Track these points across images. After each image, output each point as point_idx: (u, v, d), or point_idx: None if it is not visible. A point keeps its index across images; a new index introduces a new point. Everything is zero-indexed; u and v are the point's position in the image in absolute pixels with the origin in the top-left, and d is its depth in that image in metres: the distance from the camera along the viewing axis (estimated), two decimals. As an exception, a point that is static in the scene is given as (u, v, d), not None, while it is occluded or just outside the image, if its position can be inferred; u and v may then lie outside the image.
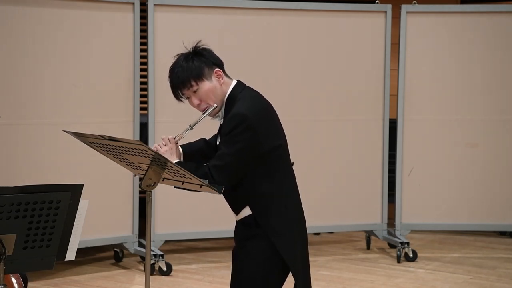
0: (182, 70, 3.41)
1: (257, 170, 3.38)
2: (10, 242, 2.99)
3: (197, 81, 3.40)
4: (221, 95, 3.43)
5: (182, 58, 3.45)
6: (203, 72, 3.41)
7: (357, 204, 6.87)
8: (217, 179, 3.31)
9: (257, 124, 3.34)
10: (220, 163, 3.32)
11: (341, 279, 5.99)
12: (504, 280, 6.02)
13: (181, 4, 6.35)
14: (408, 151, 6.88)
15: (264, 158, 3.38)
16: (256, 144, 3.34)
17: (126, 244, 6.33)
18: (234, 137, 3.32)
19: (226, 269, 6.26)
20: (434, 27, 6.86)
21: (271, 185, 3.41)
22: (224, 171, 3.32)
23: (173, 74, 3.45)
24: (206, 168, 3.35)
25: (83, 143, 3.61)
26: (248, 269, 3.48)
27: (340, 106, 6.77)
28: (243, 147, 3.31)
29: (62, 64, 5.95)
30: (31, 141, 5.87)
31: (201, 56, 3.44)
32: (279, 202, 3.43)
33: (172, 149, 3.48)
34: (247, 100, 3.40)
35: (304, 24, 6.63)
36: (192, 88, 3.42)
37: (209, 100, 3.42)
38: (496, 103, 6.92)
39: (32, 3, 5.80)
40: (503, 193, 6.99)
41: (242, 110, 3.33)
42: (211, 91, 3.41)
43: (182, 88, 3.43)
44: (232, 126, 3.32)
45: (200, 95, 3.42)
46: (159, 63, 6.27)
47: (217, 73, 3.44)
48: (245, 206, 3.45)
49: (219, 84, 3.43)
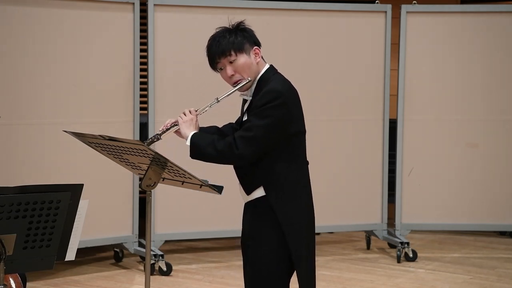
0: (224, 39, 3.44)
1: (280, 152, 3.38)
2: (10, 242, 2.99)
3: (236, 52, 3.43)
4: (255, 72, 3.46)
5: (225, 30, 3.50)
6: (244, 46, 3.45)
7: (357, 204, 6.87)
8: (242, 150, 3.31)
9: (291, 103, 3.39)
10: (248, 134, 3.32)
11: (341, 279, 5.99)
12: (504, 280, 6.02)
13: (181, 4, 6.35)
14: (408, 151, 6.88)
15: (289, 140, 3.40)
16: (287, 123, 3.37)
17: (126, 244, 6.33)
18: (267, 110, 3.33)
19: (226, 269, 6.27)
20: (434, 27, 6.86)
21: (290, 170, 3.41)
22: (251, 143, 3.32)
23: (214, 41, 3.47)
24: (230, 138, 3.35)
25: (83, 143, 3.61)
26: (259, 259, 3.44)
27: (340, 106, 6.77)
28: (274, 121, 3.33)
29: (62, 64, 5.95)
30: (31, 141, 5.87)
31: (244, 32, 3.49)
32: (295, 189, 3.43)
33: (192, 120, 3.49)
34: (281, 81, 3.45)
35: (304, 24, 6.63)
36: (230, 58, 3.43)
37: (243, 73, 3.45)
38: (496, 103, 6.92)
39: (32, 3, 5.80)
40: (503, 193, 6.99)
41: (279, 87, 3.38)
42: (247, 65, 3.44)
43: (220, 56, 3.44)
44: (267, 100, 3.34)
45: (236, 66, 3.44)
46: (159, 63, 6.28)
47: (256, 51, 3.48)
48: (259, 186, 3.41)
49: (255, 62, 3.47)
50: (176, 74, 6.35)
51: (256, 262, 3.46)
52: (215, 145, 3.35)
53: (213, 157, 3.38)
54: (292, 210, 3.41)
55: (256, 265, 3.46)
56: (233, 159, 3.37)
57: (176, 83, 6.36)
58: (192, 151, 3.42)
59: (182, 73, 6.34)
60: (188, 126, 3.46)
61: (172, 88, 6.35)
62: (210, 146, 3.36)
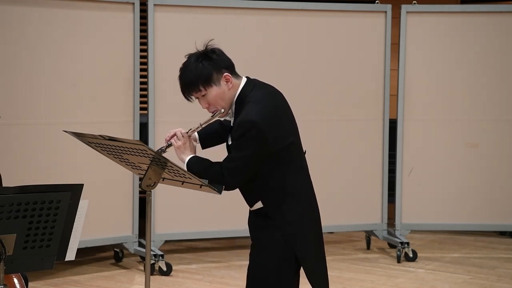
0: (191, 74, 3.46)
1: (269, 167, 3.41)
2: (10, 242, 2.99)
3: (205, 86, 3.43)
4: (229, 98, 3.46)
5: (192, 59, 3.50)
6: (211, 78, 3.43)
7: (357, 204, 6.87)
8: (228, 180, 3.38)
9: (267, 128, 3.35)
10: (231, 166, 3.38)
11: (341, 279, 5.99)
12: (504, 280, 6.02)
13: (181, 4, 6.35)
14: (408, 151, 6.88)
15: (276, 155, 3.41)
16: (266, 148, 3.37)
17: (126, 244, 6.33)
18: (243, 143, 3.35)
19: (226, 269, 6.27)
20: (434, 27, 6.85)
21: (282, 180, 3.44)
22: (235, 173, 3.38)
23: (182, 76, 3.51)
24: (218, 166, 3.40)
25: (83, 143, 3.61)
26: (262, 260, 3.48)
27: (340, 106, 6.77)
28: (252, 152, 3.35)
29: (62, 64, 5.95)
30: (31, 141, 5.87)
31: (210, 60, 3.46)
32: (291, 197, 3.45)
33: (185, 144, 3.52)
34: (257, 103, 3.41)
35: (304, 24, 6.63)
36: (200, 93, 3.45)
37: (217, 104, 3.46)
38: (496, 103, 6.92)
39: (32, 3, 5.79)
40: (503, 193, 6.99)
41: (251, 116, 3.35)
42: (219, 96, 3.44)
43: (191, 92, 3.48)
44: (241, 133, 3.35)
45: (208, 99, 3.45)
46: (159, 63, 6.28)
47: (226, 78, 3.45)
48: (258, 200, 3.48)
49: (228, 88, 3.45)
50: (176, 74, 6.31)
51: (260, 263, 3.48)
52: (207, 173, 3.40)
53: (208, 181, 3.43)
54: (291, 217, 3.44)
55: (259, 266, 3.48)
56: (225, 187, 3.43)
57: (176, 83, 6.32)
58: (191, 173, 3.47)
59: (182, 73, 6.33)
60: (183, 151, 3.51)
61: (172, 88, 6.30)
62: (203, 172, 3.41)
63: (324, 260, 3.59)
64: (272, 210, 3.44)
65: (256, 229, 3.54)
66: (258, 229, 3.52)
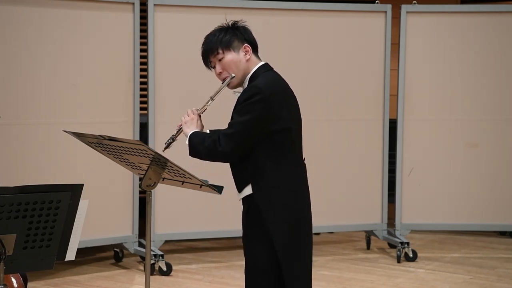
0: (213, 38, 3.52)
1: (264, 149, 3.40)
2: (10, 242, 2.99)
3: (223, 49, 3.50)
4: (244, 69, 3.50)
5: (217, 28, 3.57)
6: (231, 43, 3.51)
7: (357, 204, 6.87)
8: (223, 147, 3.36)
9: (271, 99, 3.39)
10: (229, 131, 3.38)
11: (341, 279, 5.99)
12: (504, 280, 6.02)
13: (181, 4, 6.35)
14: (408, 151, 6.88)
15: (273, 137, 3.40)
16: (267, 118, 3.38)
17: (126, 244, 6.33)
18: (246, 106, 3.37)
19: (226, 269, 6.27)
20: (434, 27, 6.86)
21: (276, 169, 3.42)
22: (232, 139, 3.36)
23: (205, 40, 3.56)
24: (216, 135, 3.41)
25: (83, 143, 3.61)
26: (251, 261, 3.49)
27: (340, 106, 6.77)
28: (254, 117, 3.36)
29: (62, 64, 5.95)
30: (31, 141, 5.87)
31: (236, 30, 3.55)
32: (282, 190, 3.43)
33: (193, 120, 3.54)
34: (266, 77, 3.48)
35: (304, 24, 6.63)
36: (218, 56, 3.50)
37: (230, 70, 3.50)
38: (496, 103, 6.92)
39: (32, 3, 5.80)
40: (503, 193, 6.99)
41: (260, 84, 3.41)
42: (234, 62, 3.49)
43: (209, 55, 3.52)
44: (247, 96, 3.38)
45: (224, 64, 3.50)
46: (159, 63, 6.28)
47: (246, 49, 3.52)
48: (248, 184, 3.44)
49: (245, 60, 3.51)
50: (176, 74, 6.35)
51: (250, 259, 3.49)
52: (204, 142, 3.41)
53: (203, 155, 3.45)
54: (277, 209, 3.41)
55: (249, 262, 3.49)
56: (218, 156, 3.42)
57: (176, 83, 6.36)
58: (189, 149, 3.48)
59: (182, 73, 6.33)
60: (188, 126, 3.53)
61: (172, 88, 6.35)
62: (201, 144, 3.42)
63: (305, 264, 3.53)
64: (259, 197, 3.40)
65: (245, 226, 3.51)
66: (246, 227, 3.49)
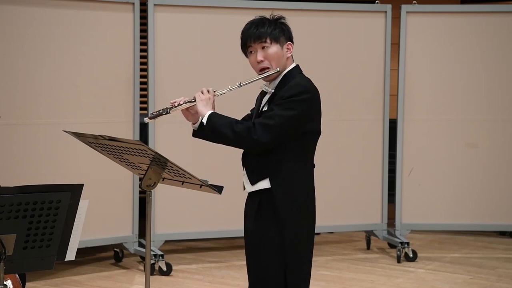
0: (263, 26, 3.49)
1: (292, 147, 3.39)
2: (10, 242, 2.99)
3: (272, 40, 3.47)
4: (283, 66, 3.48)
5: (265, 18, 3.55)
6: (280, 37, 3.49)
7: (357, 204, 6.87)
8: (260, 135, 3.31)
9: (315, 101, 3.42)
10: (269, 122, 3.33)
11: (341, 279, 5.99)
12: (504, 280, 6.02)
13: (181, 4, 6.34)
14: (408, 151, 6.88)
15: (304, 137, 3.41)
16: (306, 119, 3.39)
17: (126, 244, 6.33)
18: (292, 103, 3.35)
19: (226, 269, 6.27)
20: (434, 27, 6.86)
21: (300, 168, 3.42)
22: (270, 130, 3.32)
23: (252, 25, 3.51)
24: (250, 123, 3.36)
25: (83, 143, 3.61)
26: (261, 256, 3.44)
27: (340, 106, 6.77)
28: (296, 114, 3.34)
29: (62, 64, 5.95)
30: (31, 141, 5.87)
31: (283, 25, 3.55)
32: (301, 189, 3.43)
33: (210, 99, 3.44)
34: (305, 79, 3.48)
35: (304, 24, 6.62)
36: (264, 44, 3.46)
37: (273, 61, 3.46)
38: (496, 103, 6.92)
39: (31, 3, 5.80)
40: (503, 193, 6.99)
41: (305, 83, 3.42)
42: (278, 55, 3.47)
43: (255, 40, 3.46)
44: (294, 92, 3.36)
45: (267, 53, 3.46)
46: (159, 63, 6.28)
47: (288, 46, 3.52)
48: (266, 178, 3.40)
49: (286, 57, 3.50)
50: (176, 74, 6.35)
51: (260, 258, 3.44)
52: (233, 126, 3.34)
53: (229, 139, 3.35)
54: (295, 208, 3.41)
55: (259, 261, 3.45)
56: (250, 144, 3.35)
57: (176, 83, 6.36)
58: (207, 129, 3.38)
59: (182, 73, 6.33)
60: (205, 105, 3.41)
61: (172, 88, 6.34)
62: (227, 126, 3.34)
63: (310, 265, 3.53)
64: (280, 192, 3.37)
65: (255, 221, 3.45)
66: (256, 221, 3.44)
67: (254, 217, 3.46)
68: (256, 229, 3.45)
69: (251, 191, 3.47)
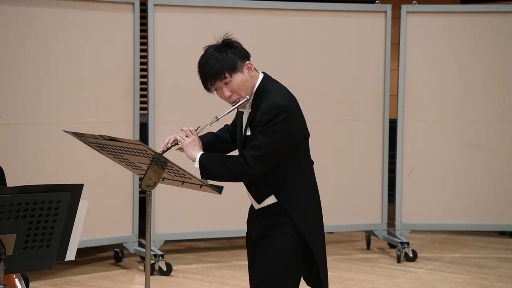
0: (216, 61, 3.41)
1: (286, 159, 3.40)
2: (10, 242, 2.99)
3: (230, 72, 3.41)
4: (250, 87, 3.45)
5: (213, 49, 3.45)
6: (236, 64, 3.42)
7: (357, 204, 6.87)
8: (254, 169, 3.33)
9: (294, 114, 3.41)
10: (258, 153, 3.33)
11: (341, 279, 5.99)
12: (504, 280, 6.02)
13: (181, 4, 6.35)
14: (408, 151, 6.88)
15: (296, 146, 3.42)
16: (292, 134, 3.39)
17: (126, 244, 6.33)
18: (273, 126, 3.33)
19: (226, 269, 6.27)
20: (434, 27, 6.86)
21: (298, 172, 3.44)
22: (263, 161, 3.34)
23: (206, 65, 3.43)
24: (241, 158, 3.36)
25: (83, 143, 3.61)
26: (272, 258, 3.44)
27: (340, 106, 6.77)
28: (281, 137, 3.34)
29: (62, 64, 5.95)
30: (31, 141, 5.87)
31: (233, 48, 3.46)
32: (307, 192, 3.47)
33: (195, 141, 3.46)
34: (280, 90, 3.45)
35: (304, 24, 6.63)
36: (225, 80, 3.42)
37: (240, 92, 3.43)
38: (496, 103, 6.92)
39: (31, 3, 5.80)
40: (503, 193, 6.99)
41: (281, 101, 3.38)
42: (243, 83, 3.43)
43: (215, 79, 3.42)
44: (272, 116, 3.34)
45: (232, 86, 3.42)
46: (159, 63, 6.28)
47: (248, 66, 3.46)
48: (270, 195, 3.44)
49: (250, 77, 3.45)
50: (176, 74, 6.35)
51: (268, 262, 3.44)
52: (226, 165, 3.37)
53: (225, 177, 3.40)
54: (305, 209, 3.45)
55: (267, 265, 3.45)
56: (246, 178, 3.40)
57: (176, 83, 6.36)
58: (202, 172, 3.41)
59: (182, 72, 6.33)
60: (193, 148, 3.44)
61: (172, 88, 6.35)
62: (220, 167, 3.38)
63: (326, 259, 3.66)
64: (288, 204, 3.40)
65: (264, 227, 3.46)
66: (267, 228, 3.45)
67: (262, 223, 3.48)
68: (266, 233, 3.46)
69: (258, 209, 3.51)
